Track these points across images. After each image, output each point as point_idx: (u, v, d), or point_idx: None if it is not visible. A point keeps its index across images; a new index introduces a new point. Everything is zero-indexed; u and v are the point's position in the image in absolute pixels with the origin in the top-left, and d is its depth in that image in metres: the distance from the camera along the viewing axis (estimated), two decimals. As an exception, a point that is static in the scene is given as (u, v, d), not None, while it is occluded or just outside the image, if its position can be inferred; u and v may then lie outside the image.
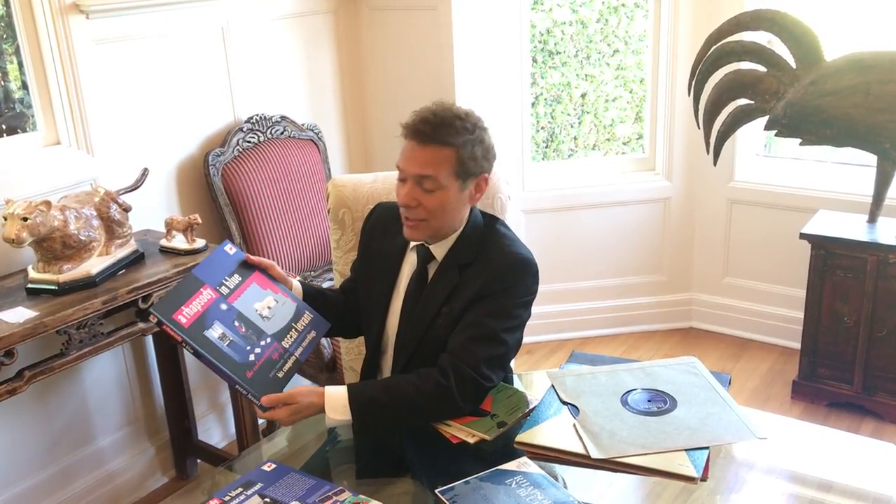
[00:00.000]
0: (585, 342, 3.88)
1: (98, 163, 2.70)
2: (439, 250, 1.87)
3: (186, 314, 1.70)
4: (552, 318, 3.86)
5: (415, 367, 1.80)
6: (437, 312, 1.83)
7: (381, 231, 1.96)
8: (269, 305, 1.83)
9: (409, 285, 1.90)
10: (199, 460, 3.04)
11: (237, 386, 1.71)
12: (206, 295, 1.75)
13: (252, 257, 1.88)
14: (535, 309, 1.89)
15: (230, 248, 1.88)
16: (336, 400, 1.71)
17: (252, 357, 1.73)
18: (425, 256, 1.88)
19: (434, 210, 1.78)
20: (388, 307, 1.94)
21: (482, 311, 1.78)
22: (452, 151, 1.75)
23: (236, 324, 1.75)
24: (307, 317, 1.89)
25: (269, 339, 1.78)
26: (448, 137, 1.75)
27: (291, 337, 1.82)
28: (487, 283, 1.79)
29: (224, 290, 1.79)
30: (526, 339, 1.94)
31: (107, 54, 2.69)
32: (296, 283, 1.97)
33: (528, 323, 1.87)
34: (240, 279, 1.83)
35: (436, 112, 1.77)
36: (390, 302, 1.94)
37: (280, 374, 1.75)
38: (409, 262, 1.92)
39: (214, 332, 1.71)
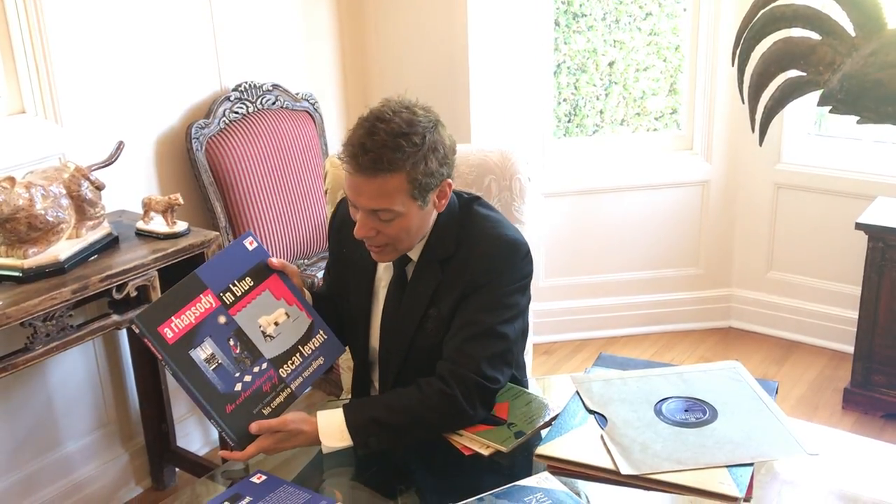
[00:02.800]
0: (611, 342, 3.87)
1: (68, 134, 2.70)
2: (413, 250, 1.85)
3: (175, 326, 1.67)
4: (574, 314, 3.83)
5: (406, 379, 1.81)
6: (423, 314, 1.83)
7: (351, 232, 1.86)
8: (278, 321, 1.78)
9: (388, 292, 1.89)
10: (177, 469, 3.05)
11: (212, 421, 1.69)
12: (206, 302, 1.71)
13: (274, 261, 1.82)
14: (554, 305, 1.89)
15: (251, 243, 1.81)
16: (332, 426, 1.71)
17: (239, 387, 1.70)
18: (401, 259, 1.86)
19: (396, 235, 1.75)
20: (370, 318, 1.93)
21: (473, 307, 1.78)
22: (403, 176, 1.67)
23: (231, 342, 1.71)
24: (319, 338, 1.84)
25: (264, 365, 1.74)
26: (395, 163, 1.66)
27: (293, 364, 1.78)
28: (474, 275, 1.78)
29: (228, 297, 1.74)
30: (545, 339, 1.94)
31: (79, 11, 2.68)
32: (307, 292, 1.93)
33: (546, 321, 1.88)
34: (251, 284, 1.78)
35: (373, 133, 1.65)
36: (371, 312, 1.93)
37: (266, 411, 1.72)
38: (386, 266, 1.91)
39: (202, 351, 1.68)
